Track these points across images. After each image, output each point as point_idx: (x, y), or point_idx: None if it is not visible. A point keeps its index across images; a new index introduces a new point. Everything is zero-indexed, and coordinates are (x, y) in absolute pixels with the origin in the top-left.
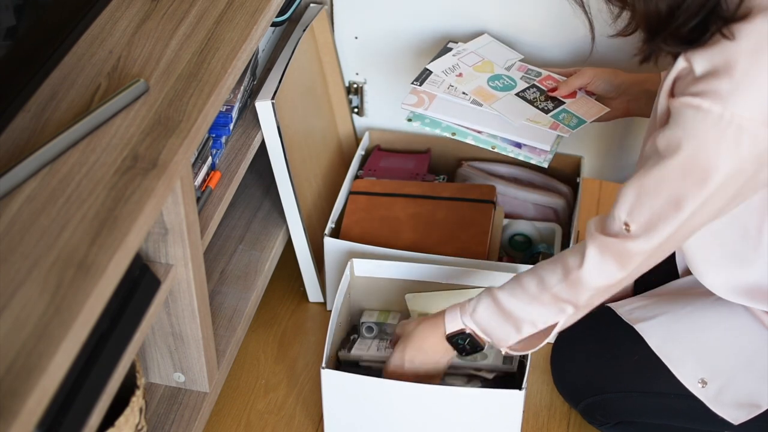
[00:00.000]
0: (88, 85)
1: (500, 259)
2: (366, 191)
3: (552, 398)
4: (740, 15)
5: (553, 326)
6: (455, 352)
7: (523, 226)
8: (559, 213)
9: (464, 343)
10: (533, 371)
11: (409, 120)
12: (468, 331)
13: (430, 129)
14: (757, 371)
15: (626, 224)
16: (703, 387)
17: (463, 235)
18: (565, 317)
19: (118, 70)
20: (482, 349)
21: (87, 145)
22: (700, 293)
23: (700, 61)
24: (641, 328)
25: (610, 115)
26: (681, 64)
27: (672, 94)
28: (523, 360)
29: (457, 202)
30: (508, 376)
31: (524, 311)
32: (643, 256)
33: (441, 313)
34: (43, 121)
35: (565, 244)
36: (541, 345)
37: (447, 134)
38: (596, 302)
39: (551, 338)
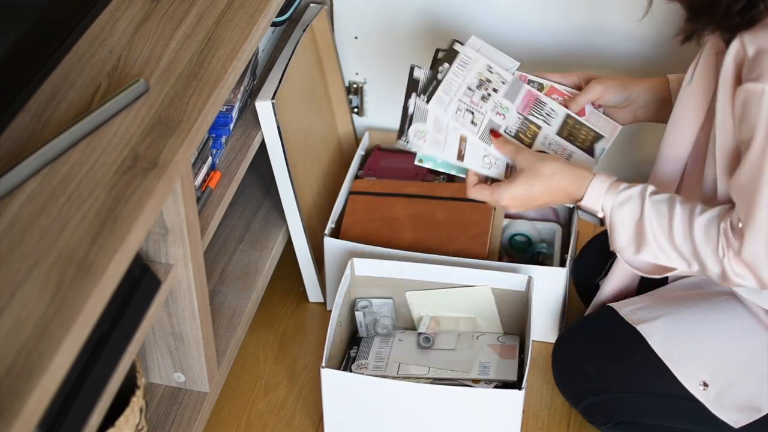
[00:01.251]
0: (89, 85)
1: (500, 259)
2: (366, 191)
3: (552, 398)
4: None
5: (670, 269)
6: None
7: (523, 226)
8: (559, 213)
9: (590, 215)
10: (533, 371)
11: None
12: (600, 216)
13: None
14: (758, 375)
15: (738, 220)
16: (704, 389)
17: (463, 235)
18: (687, 270)
19: (118, 70)
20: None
21: (87, 145)
22: (703, 294)
23: (752, 42)
24: (643, 329)
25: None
26: (734, 47)
27: (739, 81)
28: (522, 362)
29: (457, 202)
30: (508, 385)
31: (656, 240)
32: (754, 262)
33: (585, 176)
34: (44, 121)
35: (565, 245)
36: (648, 274)
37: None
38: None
39: (667, 274)
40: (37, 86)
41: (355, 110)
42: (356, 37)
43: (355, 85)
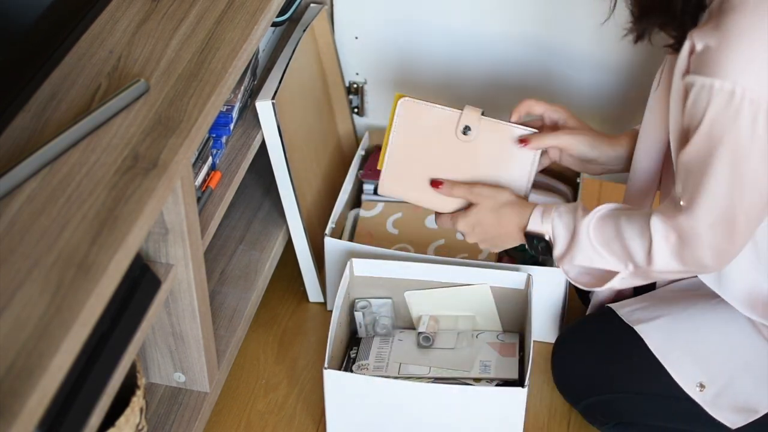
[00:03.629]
0: (89, 85)
1: (500, 260)
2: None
3: (552, 398)
4: None
5: (608, 276)
6: (524, 243)
7: None
8: None
9: (538, 244)
10: (533, 371)
11: None
12: (547, 237)
13: None
14: (755, 376)
15: (680, 198)
16: (701, 390)
17: None
18: (625, 273)
19: (118, 70)
20: (551, 255)
21: (87, 145)
22: (701, 296)
23: (700, 39)
24: (641, 330)
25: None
26: (687, 45)
27: (687, 72)
28: (522, 359)
29: None
30: (509, 383)
31: (589, 245)
32: (697, 235)
33: (528, 205)
34: (44, 120)
35: None
36: (595, 288)
37: None
38: (656, 276)
39: (604, 289)
40: (37, 86)
41: (356, 110)
42: (356, 37)
43: (355, 85)
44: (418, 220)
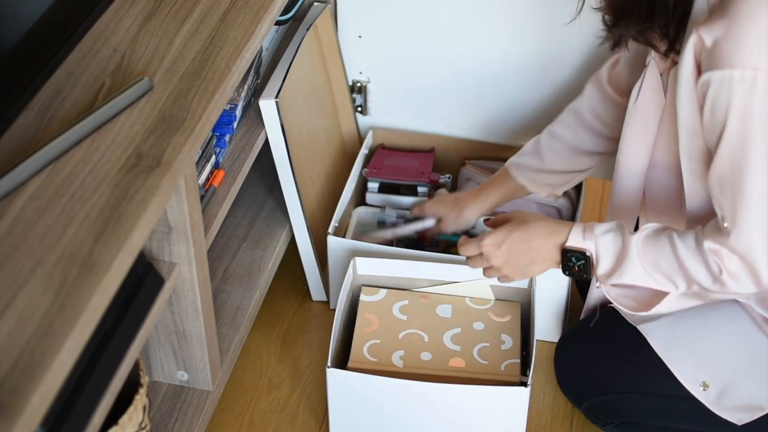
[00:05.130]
0: (92, 83)
1: None
2: None
3: (555, 398)
4: None
5: (654, 300)
6: (559, 268)
7: None
8: (563, 213)
9: (576, 263)
10: (537, 371)
11: None
12: (588, 254)
13: None
14: (758, 374)
15: (722, 220)
16: (704, 390)
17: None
18: (675, 294)
19: (122, 68)
20: (589, 278)
21: (91, 143)
22: None
23: (708, 34)
24: (644, 329)
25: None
26: (692, 40)
27: (699, 73)
28: (527, 358)
29: None
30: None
31: (639, 264)
32: (756, 251)
33: (564, 222)
34: (47, 119)
35: None
36: (640, 313)
37: None
38: (714, 297)
39: (650, 314)
40: (41, 84)
41: (359, 109)
42: (360, 36)
43: (358, 84)
44: (428, 308)
